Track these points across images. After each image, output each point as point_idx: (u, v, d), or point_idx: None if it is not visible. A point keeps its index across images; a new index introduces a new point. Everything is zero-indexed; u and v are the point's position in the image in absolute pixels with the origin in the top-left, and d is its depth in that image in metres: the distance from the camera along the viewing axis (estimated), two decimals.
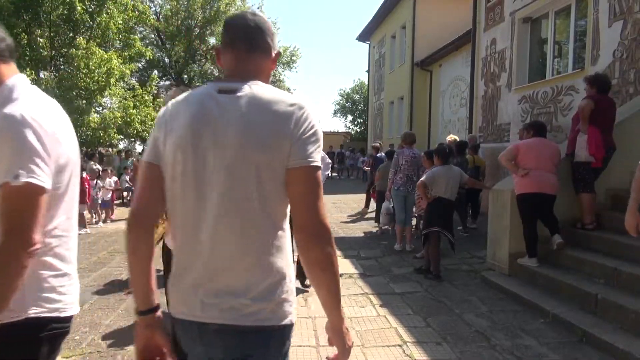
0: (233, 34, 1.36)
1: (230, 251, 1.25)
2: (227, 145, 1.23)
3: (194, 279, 1.27)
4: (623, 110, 5.72)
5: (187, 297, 1.29)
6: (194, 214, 1.27)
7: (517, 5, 9.06)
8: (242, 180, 1.22)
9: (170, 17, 28.18)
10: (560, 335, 3.80)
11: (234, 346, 1.25)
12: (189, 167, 1.25)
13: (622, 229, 4.89)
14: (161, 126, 1.33)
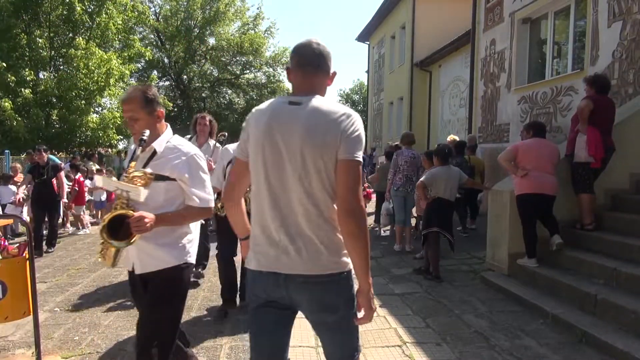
0: (302, 59, 1.79)
1: (299, 219, 1.70)
2: (292, 143, 1.67)
3: (270, 240, 1.73)
4: (622, 111, 5.72)
5: (264, 252, 1.75)
6: (271, 190, 1.71)
7: (516, 5, 9.07)
8: (300, 166, 1.66)
9: (170, 17, 28.20)
10: (560, 336, 3.80)
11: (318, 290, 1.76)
12: (266, 157, 1.70)
13: (621, 230, 4.92)
14: (246, 129, 1.79)
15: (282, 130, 1.68)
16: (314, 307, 1.78)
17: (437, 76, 16.34)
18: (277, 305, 1.79)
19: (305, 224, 1.69)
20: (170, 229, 2.41)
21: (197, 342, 3.64)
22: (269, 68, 30.63)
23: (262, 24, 30.14)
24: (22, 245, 3.42)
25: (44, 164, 7.44)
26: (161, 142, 2.42)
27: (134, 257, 2.43)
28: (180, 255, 2.45)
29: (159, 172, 2.36)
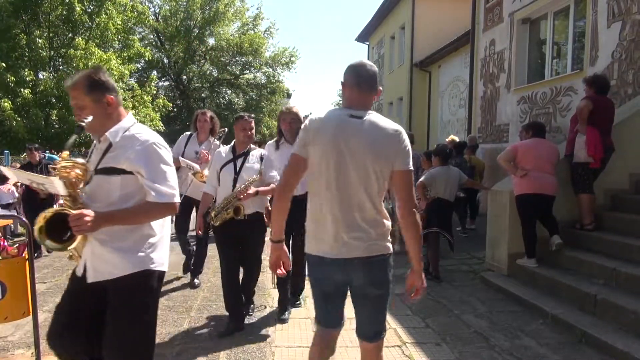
0: (360, 78, 2.15)
1: (356, 214, 2.11)
2: (356, 152, 2.05)
3: (330, 232, 2.12)
4: (622, 111, 5.73)
5: (325, 240, 2.15)
6: (328, 191, 2.10)
7: (516, 6, 9.07)
8: (365, 175, 2.07)
9: (169, 17, 28.19)
10: (560, 336, 3.80)
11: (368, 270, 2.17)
12: (332, 162, 2.06)
13: (621, 230, 4.92)
14: (308, 133, 2.12)
15: (347, 140, 2.05)
16: (366, 282, 2.17)
17: (437, 76, 16.34)
18: (335, 283, 2.21)
19: (360, 217, 2.10)
20: (127, 230, 2.10)
21: (196, 343, 3.64)
22: (268, 68, 30.62)
23: (261, 24, 30.15)
24: (21, 245, 3.42)
25: (37, 163, 7.25)
26: (116, 131, 2.14)
27: (87, 263, 2.14)
28: (140, 261, 2.12)
29: (114, 164, 2.08)
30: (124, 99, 17.45)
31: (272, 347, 3.57)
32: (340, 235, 2.10)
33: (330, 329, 2.34)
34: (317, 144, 2.08)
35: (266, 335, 3.80)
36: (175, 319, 4.16)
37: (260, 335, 3.81)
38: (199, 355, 3.43)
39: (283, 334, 3.84)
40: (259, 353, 3.47)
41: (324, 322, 2.34)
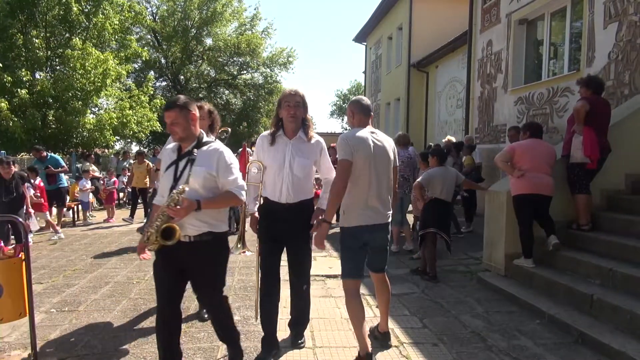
0: (364, 108, 3.26)
1: (384, 195, 3.18)
2: (384, 156, 3.18)
3: (371, 207, 3.12)
4: (618, 112, 5.75)
5: (367, 214, 3.12)
6: (370, 182, 3.07)
7: (513, 6, 9.10)
8: (386, 170, 3.19)
9: (167, 17, 28.14)
10: (556, 336, 3.81)
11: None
12: (371, 165, 3.06)
13: (617, 230, 4.94)
14: (351, 146, 3.02)
15: (378, 150, 3.11)
16: (382, 240, 3.29)
17: (434, 77, 16.37)
18: (365, 242, 3.18)
19: (386, 195, 3.19)
20: None
21: (193, 343, 3.63)
22: (266, 69, 30.62)
23: (259, 24, 30.16)
24: (17, 246, 3.41)
25: (10, 180, 6.50)
26: None
27: None
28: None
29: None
30: (121, 99, 17.42)
31: None
32: (379, 208, 3.13)
33: (359, 278, 3.20)
34: (361, 152, 3.00)
35: None
36: None
37: (258, 335, 3.80)
38: (197, 355, 3.43)
39: (280, 335, 3.82)
40: (256, 353, 3.46)
41: (357, 273, 3.17)
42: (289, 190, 3.19)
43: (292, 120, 3.20)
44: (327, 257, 6.65)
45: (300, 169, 3.20)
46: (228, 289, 5.07)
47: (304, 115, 3.27)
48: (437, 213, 5.50)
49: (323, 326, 4.04)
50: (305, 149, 3.26)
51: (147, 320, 4.16)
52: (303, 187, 3.25)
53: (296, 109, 3.20)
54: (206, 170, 2.69)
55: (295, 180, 3.19)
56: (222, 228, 2.84)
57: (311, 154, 3.28)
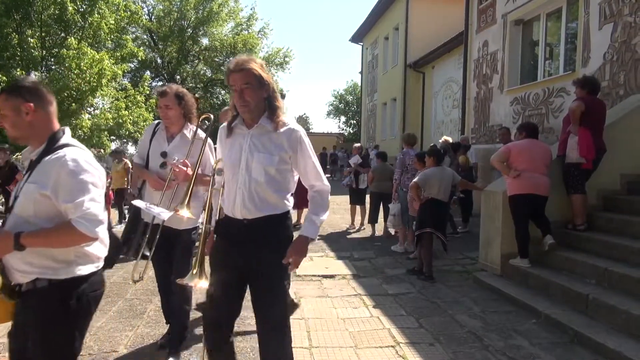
0: None
1: None
2: None
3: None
4: (613, 112, 5.77)
5: None
6: None
7: (508, 7, 9.12)
8: None
9: (163, 17, 28.06)
10: (552, 336, 3.82)
11: None
12: None
13: (613, 230, 4.96)
14: None
15: None
16: None
17: (431, 77, 16.40)
18: None
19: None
20: None
21: (190, 343, 3.62)
22: None
23: (255, 24, 30.12)
24: None
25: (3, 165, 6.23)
26: None
27: None
28: None
29: None
30: (117, 99, 17.37)
31: None
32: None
33: None
34: None
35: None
36: None
37: (254, 336, 3.79)
38: (193, 356, 3.42)
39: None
40: (252, 354, 3.46)
41: None
42: (244, 201, 2.24)
43: (244, 110, 2.23)
44: (324, 257, 6.65)
45: (259, 169, 2.22)
46: None
47: (265, 95, 2.23)
48: (433, 213, 5.50)
49: (319, 326, 4.04)
50: (270, 141, 2.25)
51: (143, 321, 4.14)
52: (267, 197, 2.25)
53: (246, 92, 2.18)
54: (38, 190, 1.80)
55: (253, 187, 2.22)
56: (67, 272, 1.88)
57: (277, 147, 2.24)
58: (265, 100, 2.25)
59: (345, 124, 48.49)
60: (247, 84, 2.18)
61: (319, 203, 2.37)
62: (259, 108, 2.25)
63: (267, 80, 2.23)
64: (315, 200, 2.38)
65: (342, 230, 8.89)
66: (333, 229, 9.00)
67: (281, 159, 2.26)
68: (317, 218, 2.33)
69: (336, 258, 6.60)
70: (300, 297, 4.82)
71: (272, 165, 2.24)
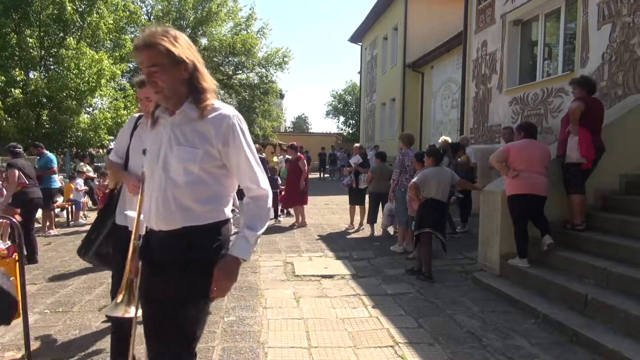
0: None
1: None
2: None
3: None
4: (612, 112, 5.78)
5: None
6: None
7: (507, 7, 9.13)
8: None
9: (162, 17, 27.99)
10: (551, 336, 3.82)
11: None
12: None
13: (611, 230, 4.96)
14: None
15: None
16: None
17: (429, 77, 16.41)
18: None
19: None
20: None
21: None
22: (261, 69, 30.52)
23: (254, 24, 30.04)
24: (11, 247, 3.39)
25: None
26: None
27: None
28: None
29: None
30: (115, 99, 17.36)
31: (265, 348, 3.57)
32: None
33: None
34: None
35: (259, 336, 3.79)
36: None
37: (253, 336, 3.81)
38: None
39: (276, 335, 3.83)
40: (251, 354, 3.46)
41: None
42: (158, 208, 1.81)
43: (158, 97, 1.84)
44: (323, 258, 6.65)
45: (178, 167, 1.78)
46: None
47: (185, 75, 1.78)
48: (432, 213, 5.50)
49: (318, 326, 4.04)
50: (193, 131, 1.80)
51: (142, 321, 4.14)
52: (186, 203, 1.79)
53: (155, 75, 1.75)
54: None
55: (169, 189, 1.79)
56: None
57: (202, 139, 1.78)
58: (186, 81, 1.80)
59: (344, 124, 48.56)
60: (154, 65, 1.74)
61: (254, 213, 1.85)
62: (178, 93, 1.81)
63: (182, 57, 1.76)
64: (250, 210, 1.86)
65: (341, 230, 8.89)
66: (332, 229, 9.00)
67: (207, 154, 1.79)
68: (251, 233, 1.80)
69: (335, 258, 6.61)
70: (299, 297, 4.83)
71: (194, 162, 1.77)
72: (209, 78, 1.87)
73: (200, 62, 1.84)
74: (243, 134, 1.84)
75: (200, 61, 1.85)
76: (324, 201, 13.55)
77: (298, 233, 8.64)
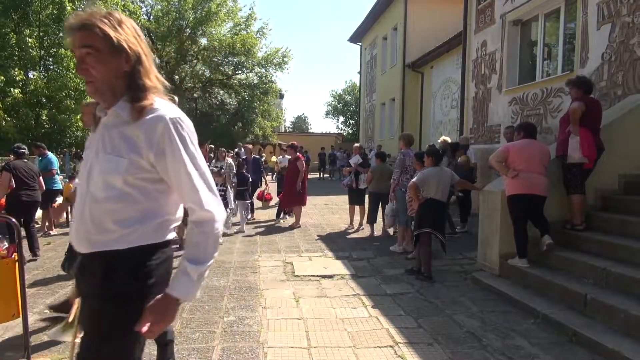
0: None
1: None
2: None
3: None
4: (611, 112, 5.79)
5: None
6: None
7: (507, 7, 9.13)
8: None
9: (161, 17, 28.02)
10: (551, 336, 3.83)
11: None
12: None
13: (611, 230, 4.97)
14: None
15: None
16: None
17: (429, 77, 16.41)
18: None
19: None
20: None
21: (188, 344, 3.62)
22: (261, 69, 30.52)
23: (254, 24, 30.05)
24: (11, 247, 3.39)
25: None
26: None
27: None
28: None
29: None
30: None
31: (265, 348, 3.57)
32: None
33: None
34: None
35: (258, 336, 3.79)
36: None
37: (253, 336, 3.81)
38: (191, 356, 3.41)
39: (275, 335, 3.83)
40: (251, 354, 3.46)
41: None
42: (77, 225, 1.56)
43: (89, 89, 1.53)
44: (323, 258, 6.65)
45: (98, 179, 1.51)
46: (223, 289, 5.06)
47: (125, 68, 1.51)
48: (432, 213, 5.50)
49: (318, 326, 4.04)
50: (121, 136, 1.50)
51: None
52: (106, 223, 1.50)
53: (87, 59, 1.47)
54: None
55: (88, 206, 1.52)
56: None
57: (129, 146, 1.48)
58: (126, 75, 1.51)
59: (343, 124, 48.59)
60: (88, 46, 1.44)
61: (196, 241, 1.49)
62: (114, 88, 1.52)
63: (124, 45, 1.47)
64: (191, 237, 1.50)
65: (341, 231, 8.89)
66: (332, 229, 9.00)
67: (133, 165, 1.47)
68: (193, 267, 1.46)
69: (335, 258, 6.60)
70: (299, 297, 4.83)
71: (116, 174, 1.47)
72: (156, 75, 1.59)
73: (148, 56, 1.56)
74: (183, 142, 1.48)
75: (148, 54, 1.57)
76: (323, 201, 13.55)
77: (298, 233, 8.64)
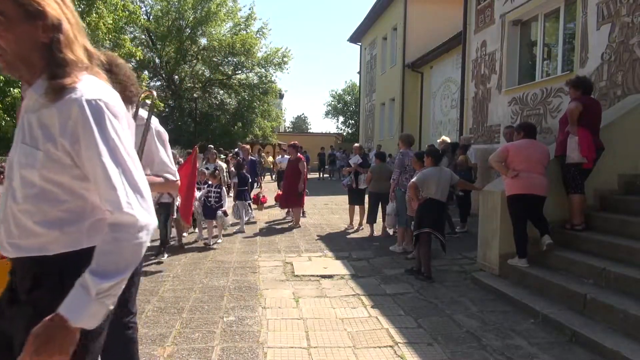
0: None
1: None
2: None
3: None
4: (611, 112, 5.79)
5: None
6: None
7: (507, 7, 9.13)
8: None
9: (161, 17, 28.02)
10: (550, 336, 3.83)
11: None
12: None
13: (610, 230, 4.97)
14: None
15: None
16: None
17: (429, 77, 16.42)
18: None
19: None
20: None
21: (187, 344, 3.62)
22: (260, 69, 30.55)
23: (254, 24, 30.09)
24: None
25: None
26: None
27: None
28: None
29: None
30: None
31: (265, 348, 3.57)
32: None
33: None
34: None
35: (258, 336, 3.79)
36: (166, 320, 4.13)
37: (253, 336, 3.81)
38: (191, 356, 3.41)
39: (275, 335, 3.83)
40: (251, 354, 3.46)
41: None
42: (1, 229, 1.37)
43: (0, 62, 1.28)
44: (322, 258, 6.65)
45: (16, 174, 1.30)
46: (222, 289, 5.06)
47: (43, 38, 1.24)
48: (431, 213, 5.50)
49: (318, 326, 4.04)
50: (38, 123, 1.26)
51: (141, 321, 4.14)
52: (27, 225, 1.30)
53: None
54: None
55: (9, 203, 1.33)
56: None
57: (45, 135, 1.24)
58: (44, 47, 1.24)
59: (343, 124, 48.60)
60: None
61: (107, 250, 1.19)
62: (30, 62, 1.27)
63: (41, 9, 1.21)
64: (102, 244, 1.21)
65: (341, 231, 8.89)
66: (332, 229, 9.00)
67: (49, 158, 1.23)
68: (94, 281, 1.15)
69: (335, 258, 6.60)
70: (299, 297, 4.83)
71: (32, 168, 1.24)
72: (86, 47, 1.31)
73: (73, 24, 1.27)
74: (100, 127, 1.20)
75: (73, 22, 1.28)
76: (323, 201, 13.55)
77: (297, 233, 8.64)
